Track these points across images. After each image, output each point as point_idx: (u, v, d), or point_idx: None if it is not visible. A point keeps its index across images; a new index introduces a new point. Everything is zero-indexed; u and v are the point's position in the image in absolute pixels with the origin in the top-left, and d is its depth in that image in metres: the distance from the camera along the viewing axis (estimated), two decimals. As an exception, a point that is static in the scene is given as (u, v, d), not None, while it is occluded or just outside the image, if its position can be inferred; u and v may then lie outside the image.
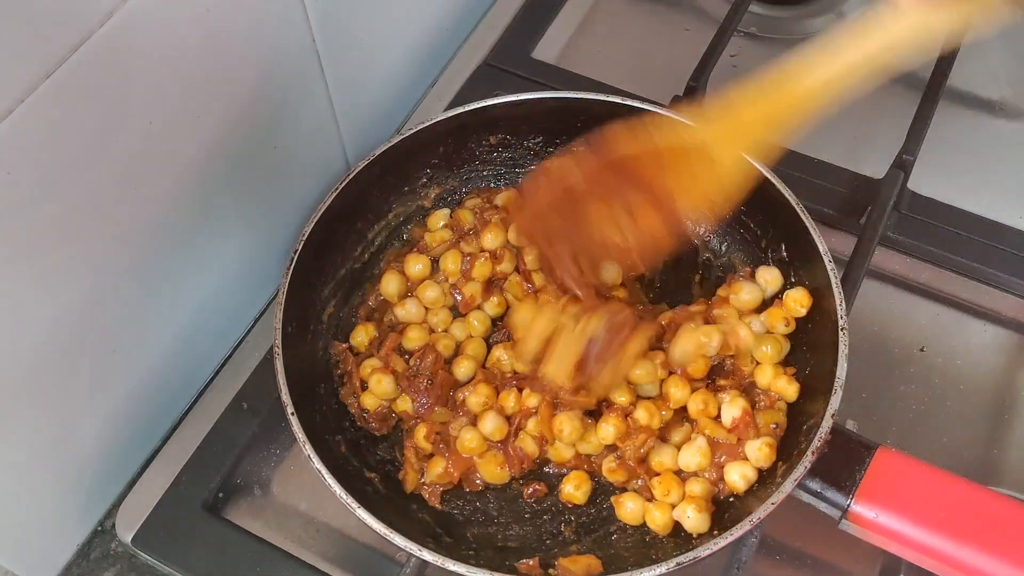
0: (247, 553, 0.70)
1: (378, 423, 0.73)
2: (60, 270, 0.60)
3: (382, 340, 0.76)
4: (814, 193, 0.82)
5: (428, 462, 0.72)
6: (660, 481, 0.68)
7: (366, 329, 0.76)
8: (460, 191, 0.84)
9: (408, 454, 0.72)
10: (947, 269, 0.82)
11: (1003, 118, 0.93)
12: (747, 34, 0.99)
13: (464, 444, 0.71)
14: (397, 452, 0.73)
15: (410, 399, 0.72)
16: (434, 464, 0.71)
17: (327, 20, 0.75)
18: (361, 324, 0.77)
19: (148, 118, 0.61)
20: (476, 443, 0.71)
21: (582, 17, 1.01)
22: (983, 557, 0.59)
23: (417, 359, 0.74)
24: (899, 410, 0.76)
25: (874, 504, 0.61)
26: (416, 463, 0.71)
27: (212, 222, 0.72)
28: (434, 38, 0.96)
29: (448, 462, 0.71)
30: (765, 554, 0.71)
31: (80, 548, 0.73)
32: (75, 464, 0.70)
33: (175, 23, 0.60)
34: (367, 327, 0.77)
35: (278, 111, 0.74)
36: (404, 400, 0.73)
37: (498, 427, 0.71)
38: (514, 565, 0.66)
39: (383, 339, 0.76)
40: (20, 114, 0.52)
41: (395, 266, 0.80)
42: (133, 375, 0.71)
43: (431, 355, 0.74)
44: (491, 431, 0.71)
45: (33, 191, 0.55)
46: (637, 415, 0.70)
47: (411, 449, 0.72)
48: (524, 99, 0.79)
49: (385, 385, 0.72)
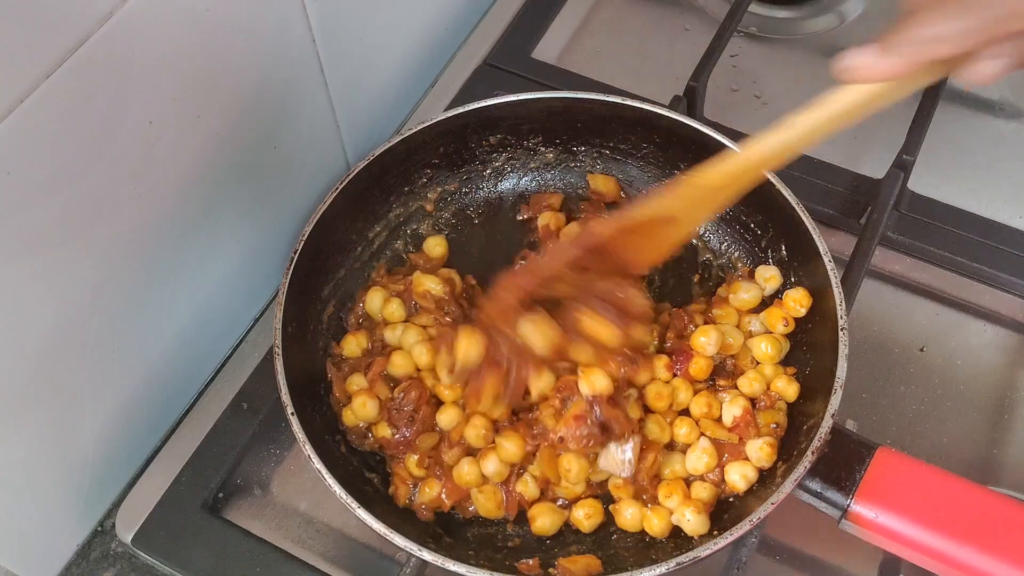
0: (247, 553, 0.70)
1: (357, 439, 0.72)
2: (60, 270, 0.60)
3: (373, 353, 0.74)
4: (814, 193, 0.83)
5: (421, 482, 0.70)
6: (665, 487, 0.68)
7: (357, 339, 0.75)
8: (460, 191, 0.84)
9: (398, 470, 0.70)
10: (947, 269, 0.82)
11: (1003, 118, 0.93)
12: (747, 34, 0.99)
13: (462, 476, 0.69)
14: (388, 467, 0.72)
15: (390, 429, 0.70)
16: (428, 487, 0.69)
17: (327, 20, 0.75)
18: (352, 333, 0.76)
19: (148, 118, 0.61)
20: (475, 477, 0.69)
21: (582, 17, 1.01)
22: (983, 557, 0.59)
23: (401, 392, 0.71)
24: (899, 410, 0.76)
25: (874, 504, 0.61)
26: (407, 478, 0.70)
27: (212, 222, 0.72)
28: (434, 38, 0.96)
29: (443, 488, 0.69)
30: (765, 554, 0.71)
31: (80, 548, 0.73)
32: (75, 464, 0.70)
33: (175, 23, 0.60)
34: (358, 336, 0.75)
35: (278, 111, 0.74)
36: (384, 427, 0.71)
37: (499, 471, 0.69)
38: (514, 565, 0.66)
39: (374, 351, 0.75)
40: (20, 114, 0.52)
41: (381, 282, 0.78)
42: (133, 375, 0.71)
43: (415, 391, 0.71)
44: (493, 473, 0.69)
45: (33, 191, 0.55)
46: (648, 430, 0.69)
47: (401, 467, 0.70)
48: (524, 99, 0.79)
49: (369, 409, 0.70)
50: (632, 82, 0.90)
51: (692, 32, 0.99)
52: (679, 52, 0.96)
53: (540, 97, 0.80)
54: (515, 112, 0.80)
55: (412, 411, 0.70)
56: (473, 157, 0.83)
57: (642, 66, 0.97)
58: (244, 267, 0.79)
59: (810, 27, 1.00)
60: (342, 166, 0.87)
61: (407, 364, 0.72)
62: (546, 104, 0.80)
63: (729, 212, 0.80)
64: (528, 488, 0.69)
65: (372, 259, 0.81)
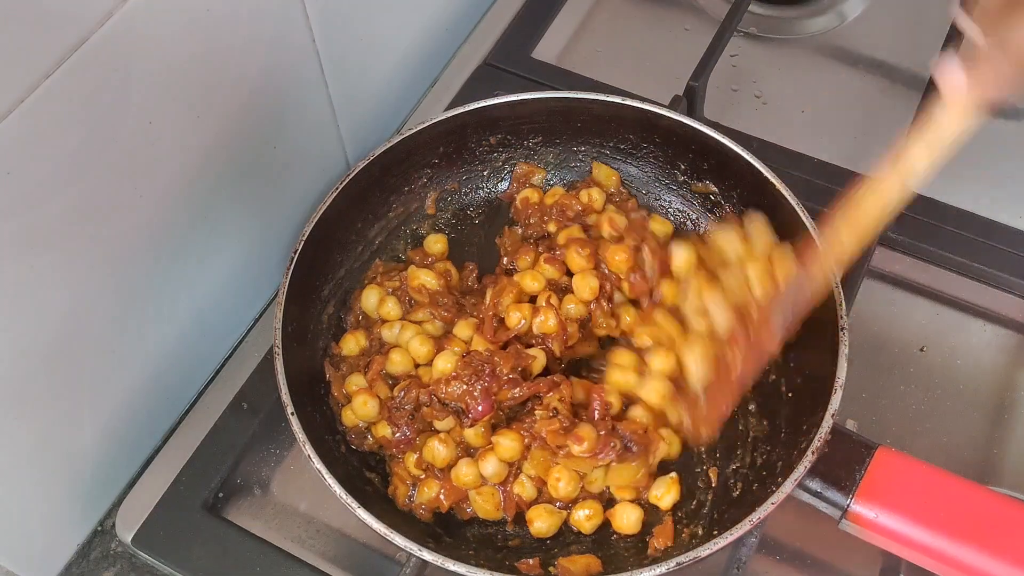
0: (247, 553, 0.70)
1: (357, 438, 0.72)
2: (59, 271, 0.60)
3: (371, 352, 0.75)
4: (814, 193, 0.82)
5: (420, 483, 0.70)
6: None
7: (356, 338, 0.75)
8: (460, 191, 0.84)
9: (398, 469, 0.70)
10: (947, 269, 0.82)
11: (1003, 118, 0.92)
12: (747, 34, 0.99)
13: (460, 477, 0.69)
14: (388, 467, 0.72)
15: (390, 428, 0.70)
16: (426, 487, 0.69)
17: (327, 20, 0.75)
18: (351, 332, 0.76)
19: (148, 118, 0.61)
20: (473, 478, 0.69)
21: (582, 17, 1.01)
22: (983, 557, 0.59)
23: (401, 391, 0.71)
24: (899, 410, 0.76)
25: (874, 504, 0.61)
26: (407, 478, 0.70)
27: (212, 222, 0.72)
28: (434, 38, 0.96)
29: (441, 489, 0.69)
30: (765, 554, 0.71)
31: (80, 548, 0.73)
32: (75, 464, 0.70)
33: (175, 23, 0.60)
34: (357, 336, 0.75)
35: (278, 111, 0.74)
36: (384, 426, 0.71)
37: (498, 472, 0.69)
38: (514, 565, 0.66)
39: (372, 350, 0.75)
40: (20, 114, 0.52)
41: (377, 279, 0.78)
42: (133, 375, 0.71)
43: (415, 389, 0.70)
44: (492, 474, 0.69)
45: (33, 191, 0.55)
46: (651, 361, 0.69)
47: (401, 467, 0.70)
48: (524, 99, 0.79)
49: (369, 408, 0.70)
50: (632, 82, 0.90)
51: (692, 32, 0.99)
52: (679, 52, 0.96)
53: (540, 97, 0.80)
54: (515, 112, 0.80)
55: (412, 410, 0.70)
56: (473, 157, 0.83)
57: (642, 66, 0.97)
58: (244, 267, 0.79)
59: (810, 27, 1.00)
60: (342, 166, 0.87)
61: (406, 362, 0.73)
62: (546, 104, 0.80)
63: (729, 212, 0.80)
64: (525, 489, 0.69)
65: (372, 259, 0.81)
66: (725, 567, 0.69)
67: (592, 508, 0.69)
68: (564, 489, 0.68)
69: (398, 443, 0.70)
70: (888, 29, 0.98)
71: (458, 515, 0.70)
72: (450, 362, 0.70)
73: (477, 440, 0.69)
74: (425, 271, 0.76)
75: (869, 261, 0.76)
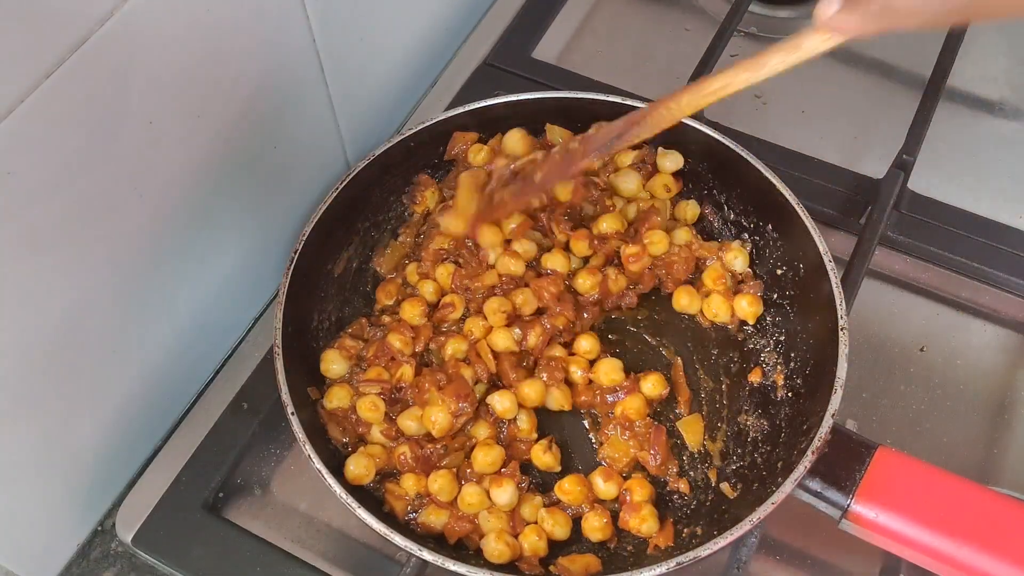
0: (247, 553, 0.70)
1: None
2: (60, 270, 0.60)
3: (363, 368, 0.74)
4: (814, 193, 0.83)
5: (422, 506, 0.68)
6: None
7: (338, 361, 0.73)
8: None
9: (391, 487, 0.69)
10: (947, 269, 0.82)
11: (1003, 118, 0.93)
12: (747, 34, 0.99)
13: (465, 501, 0.67)
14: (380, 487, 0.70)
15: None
16: (432, 513, 0.68)
17: (327, 20, 0.75)
18: (331, 349, 0.74)
19: (148, 118, 0.61)
20: (477, 499, 0.67)
21: (582, 17, 1.01)
22: (983, 557, 0.59)
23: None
24: (899, 410, 0.76)
25: (874, 504, 0.61)
26: (401, 494, 0.68)
27: (212, 222, 0.72)
28: (434, 38, 0.96)
29: (450, 520, 0.67)
30: (765, 554, 0.71)
31: (80, 548, 0.73)
32: (75, 464, 0.70)
33: (175, 23, 0.60)
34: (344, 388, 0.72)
35: (278, 111, 0.74)
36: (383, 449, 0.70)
37: (511, 501, 0.68)
38: (514, 564, 0.66)
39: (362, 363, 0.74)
40: (20, 114, 0.52)
41: (341, 343, 0.75)
42: (133, 375, 0.71)
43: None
44: (505, 503, 0.68)
45: (33, 191, 0.55)
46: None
47: (395, 484, 0.69)
48: (524, 99, 0.80)
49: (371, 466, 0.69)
50: (632, 82, 0.90)
51: (692, 32, 0.99)
52: (679, 52, 0.96)
53: (540, 97, 0.80)
54: (515, 112, 0.80)
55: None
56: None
57: (642, 66, 0.97)
58: (244, 267, 0.79)
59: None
60: (342, 166, 0.87)
61: (367, 404, 0.71)
62: (546, 104, 0.80)
63: (729, 213, 0.80)
64: (536, 544, 0.67)
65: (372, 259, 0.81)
66: (725, 567, 0.69)
67: (599, 519, 0.68)
68: (561, 531, 0.68)
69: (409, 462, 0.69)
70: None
71: (467, 544, 0.68)
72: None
73: (486, 465, 0.69)
74: (395, 335, 0.74)
75: (869, 261, 0.76)
